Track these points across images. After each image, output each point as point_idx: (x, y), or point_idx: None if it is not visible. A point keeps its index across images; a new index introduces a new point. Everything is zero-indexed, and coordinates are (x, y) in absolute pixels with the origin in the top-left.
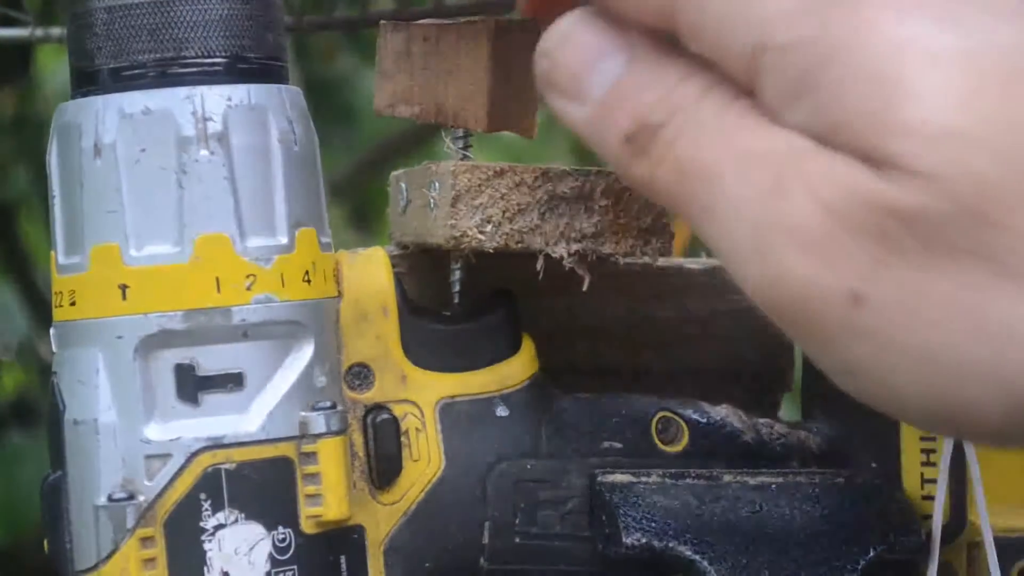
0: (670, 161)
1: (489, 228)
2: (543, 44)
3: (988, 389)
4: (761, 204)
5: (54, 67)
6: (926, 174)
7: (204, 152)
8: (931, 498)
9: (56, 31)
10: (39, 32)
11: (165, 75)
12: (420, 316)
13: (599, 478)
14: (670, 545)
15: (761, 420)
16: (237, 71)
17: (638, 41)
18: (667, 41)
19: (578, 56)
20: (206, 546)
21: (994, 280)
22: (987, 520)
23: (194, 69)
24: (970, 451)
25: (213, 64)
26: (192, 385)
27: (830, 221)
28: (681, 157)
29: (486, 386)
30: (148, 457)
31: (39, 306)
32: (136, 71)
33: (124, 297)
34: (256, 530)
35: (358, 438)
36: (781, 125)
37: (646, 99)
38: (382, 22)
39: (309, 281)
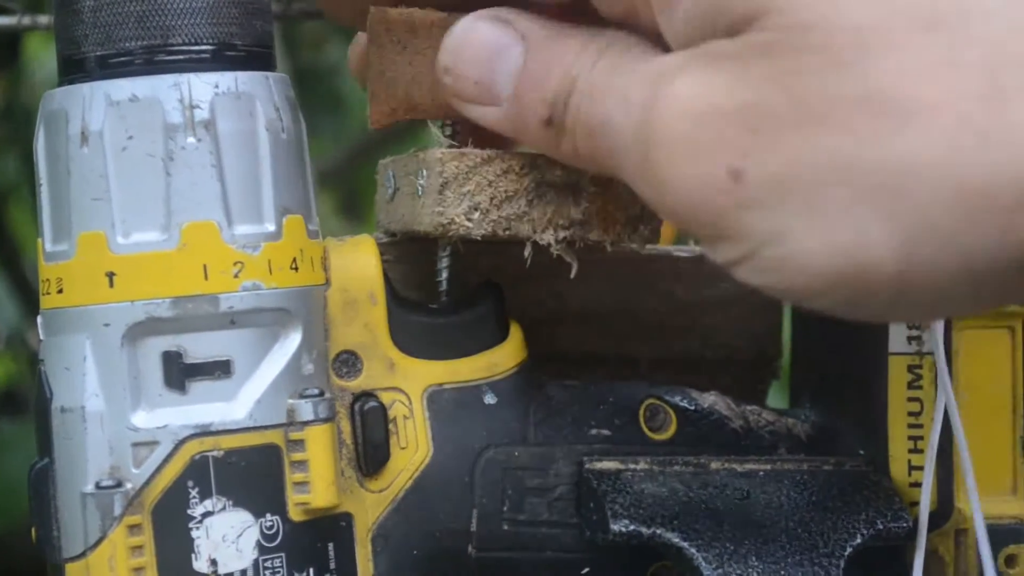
0: (580, 127)
1: (477, 215)
2: (440, 64)
3: (883, 231)
4: (639, 125)
5: (42, 55)
6: (806, 26)
7: (191, 139)
8: (918, 485)
9: (44, 19)
10: (27, 20)
11: (152, 62)
12: (407, 308)
13: (587, 465)
14: (657, 532)
15: (749, 407)
16: (224, 58)
17: (527, 29)
18: (559, 19)
19: (475, 63)
20: (194, 533)
21: (872, 121)
22: (979, 507)
23: (181, 56)
24: (960, 437)
25: (200, 51)
26: (179, 372)
27: (696, 113)
28: (586, 119)
29: (474, 373)
30: (135, 444)
31: (28, 295)
32: (123, 58)
33: (111, 284)
34: (244, 517)
35: (346, 425)
36: (661, 50)
37: (551, 81)
38: (367, 33)
39: (296, 268)
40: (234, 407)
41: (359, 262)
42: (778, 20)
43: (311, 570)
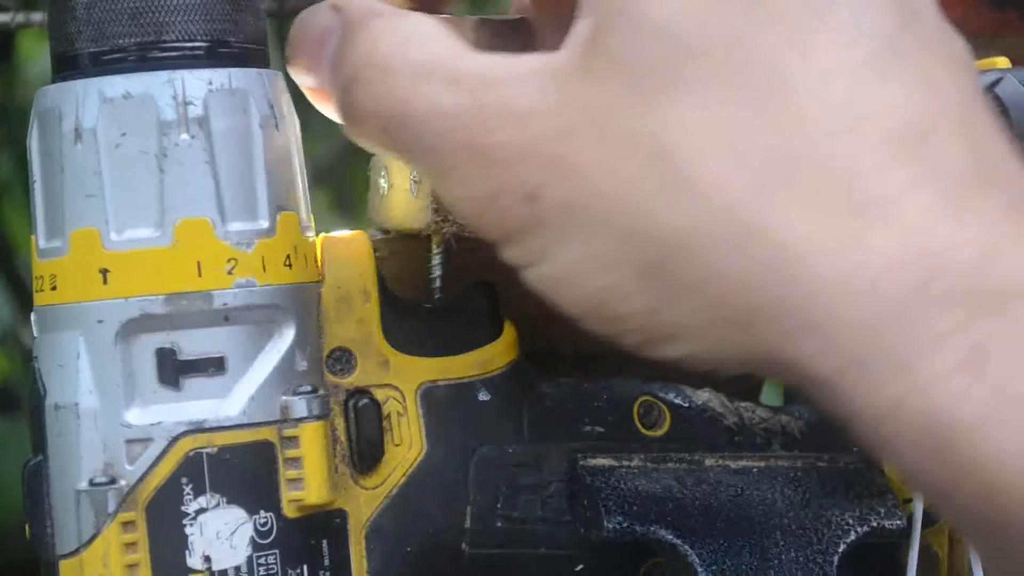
0: (374, 115)
1: None
2: (286, 55)
3: (635, 288)
4: (451, 131)
5: (36, 53)
6: (623, 59)
7: (185, 136)
8: None
9: (38, 16)
10: (20, 17)
11: (146, 59)
12: (400, 305)
13: (581, 462)
14: (651, 529)
15: (743, 404)
16: (218, 55)
17: (351, 14)
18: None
19: (307, 50)
20: (188, 530)
21: (652, 181)
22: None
23: (175, 53)
24: None
25: (194, 48)
26: (173, 369)
27: (505, 130)
28: (385, 109)
29: (468, 370)
30: (129, 441)
31: (22, 292)
32: (117, 55)
33: (105, 281)
34: (238, 514)
35: (340, 422)
36: (473, 44)
37: (348, 64)
38: None
39: (290, 265)
40: (228, 404)
41: (352, 259)
42: (602, 44)
43: (305, 567)
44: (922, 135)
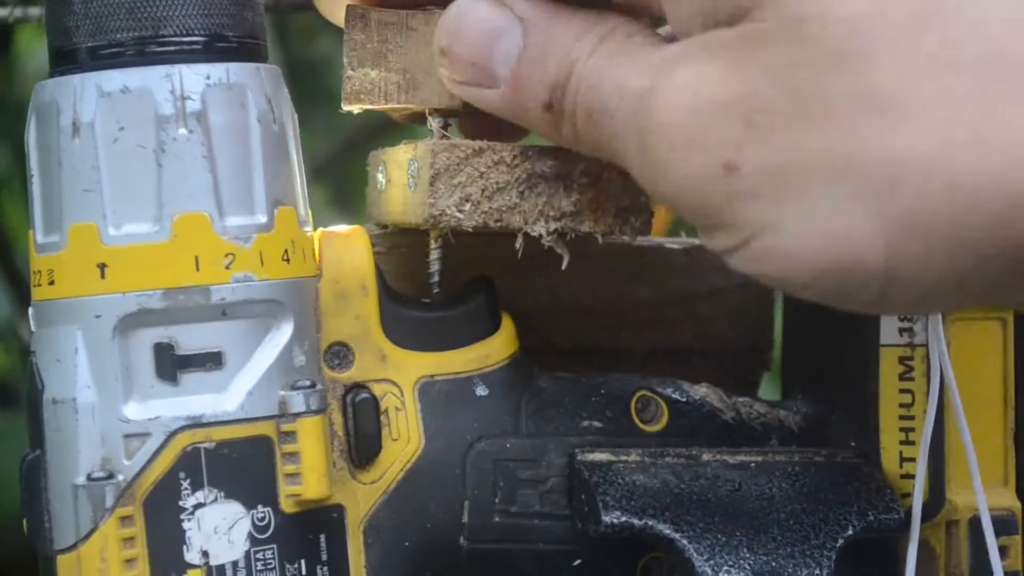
0: (580, 111)
1: (468, 207)
2: (437, 45)
3: (873, 226)
4: (636, 115)
5: (34, 47)
6: (802, 17)
7: (182, 131)
8: (909, 477)
9: (35, 11)
10: (18, 12)
11: (143, 53)
12: (398, 299)
13: (579, 457)
14: (649, 523)
15: (740, 399)
16: (216, 49)
17: (525, 11)
18: (558, 2)
19: (472, 45)
20: (185, 525)
21: (866, 117)
22: (983, 496)
23: (172, 47)
24: (963, 426)
25: (192, 42)
26: (171, 364)
27: (693, 105)
28: (586, 104)
29: (466, 365)
30: (127, 436)
31: (20, 287)
32: (114, 49)
33: (103, 276)
34: (235, 509)
35: (337, 417)
36: (663, 39)
37: (550, 65)
38: (347, 14)
39: (288, 260)
40: (226, 399)
41: (351, 253)
42: (776, 11)
43: (303, 562)
44: None
